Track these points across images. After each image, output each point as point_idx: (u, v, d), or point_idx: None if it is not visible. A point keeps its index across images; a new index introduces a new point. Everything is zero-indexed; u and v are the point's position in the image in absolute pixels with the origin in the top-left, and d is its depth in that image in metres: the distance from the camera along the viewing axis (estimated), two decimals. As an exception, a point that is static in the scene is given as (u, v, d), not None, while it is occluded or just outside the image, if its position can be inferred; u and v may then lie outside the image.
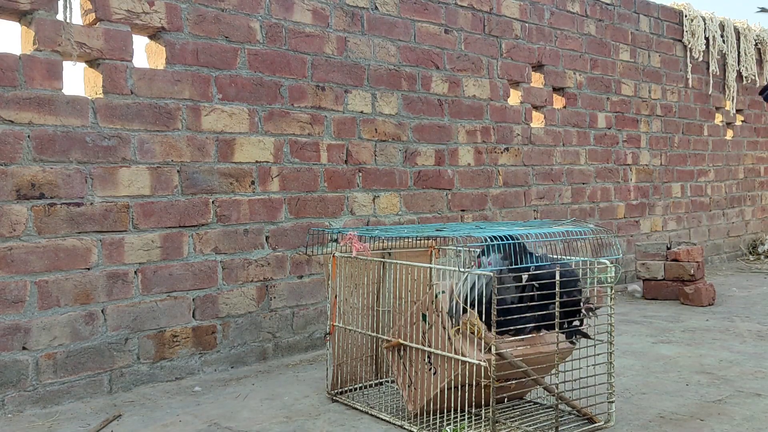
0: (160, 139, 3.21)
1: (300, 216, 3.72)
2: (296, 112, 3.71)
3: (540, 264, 2.38)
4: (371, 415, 2.66)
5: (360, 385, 2.95)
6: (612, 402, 2.50)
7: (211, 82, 3.38)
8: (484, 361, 2.27)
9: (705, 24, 6.77)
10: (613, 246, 2.59)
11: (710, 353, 3.48)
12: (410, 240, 2.99)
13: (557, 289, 2.35)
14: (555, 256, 2.54)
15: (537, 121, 5.21)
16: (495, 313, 2.21)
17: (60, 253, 2.92)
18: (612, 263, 2.52)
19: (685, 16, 6.61)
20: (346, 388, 2.92)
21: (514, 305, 2.32)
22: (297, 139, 3.71)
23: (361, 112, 4.00)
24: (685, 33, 6.59)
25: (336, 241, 3.22)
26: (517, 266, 2.34)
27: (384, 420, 2.59)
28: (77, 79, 3.14)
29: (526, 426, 2.43)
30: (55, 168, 2.90)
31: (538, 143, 5.13)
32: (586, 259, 2.62)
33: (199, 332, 3.35)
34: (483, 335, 2.33)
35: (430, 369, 2.46)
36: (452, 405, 2.45)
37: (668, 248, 5.24)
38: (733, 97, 7.15)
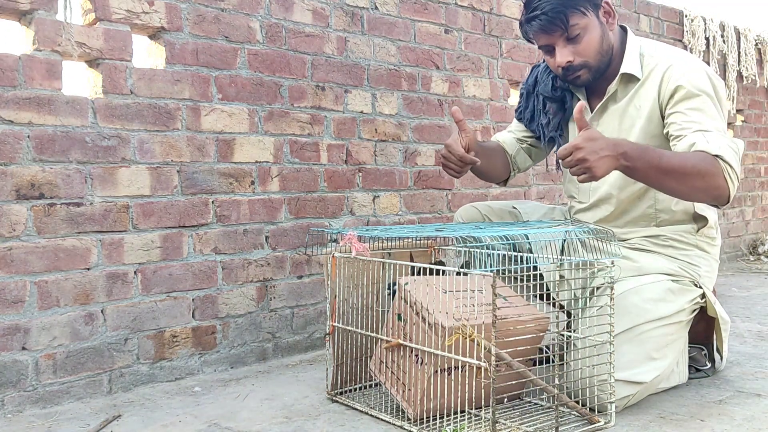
0: (159, 139, 3.20)
1: (300, 216, 3.72)
2: (296, 112, 3.71)
3: None
4: (371, 415, 2.66)
5: (360, 385, 2.95)
6: (612, 402, 2.49)
7: (211, 82, 3.38)
8: (484, 362, 2.27)
9: (705, 24, 6.77)
10: (613, 246, 2.59)
11: (710, 353, 3.47)
12: (410, 240, 2.99)
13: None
14: None
15: (537, 121, 5.21)
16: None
17: (60, 253, 2.91)
18: (612, 263, 2.52)
19: (686, 16, 6.61)
20: (346, 389, 2.92)
21: None
22: (297, 139, 3.71)
23: (361, 112, 4.00)
24: (685, 33, 6.59)
25: (336, 241, 3.22)
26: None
27: (384, 420, 2.59)
28: (77, 79, 3.14)
29: (526, 426, 2.43)
30: (54, 168, 2.90)
31: (538, 143, 5.13)
32: (585, 259, 2.62)
33: (199, 332, 3.34)
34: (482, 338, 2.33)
35: (416, 361, 2.46)
36: (451, 399, 2.46)
37: (668, 248, 5.23)
38: (733, 97, 7.14)
